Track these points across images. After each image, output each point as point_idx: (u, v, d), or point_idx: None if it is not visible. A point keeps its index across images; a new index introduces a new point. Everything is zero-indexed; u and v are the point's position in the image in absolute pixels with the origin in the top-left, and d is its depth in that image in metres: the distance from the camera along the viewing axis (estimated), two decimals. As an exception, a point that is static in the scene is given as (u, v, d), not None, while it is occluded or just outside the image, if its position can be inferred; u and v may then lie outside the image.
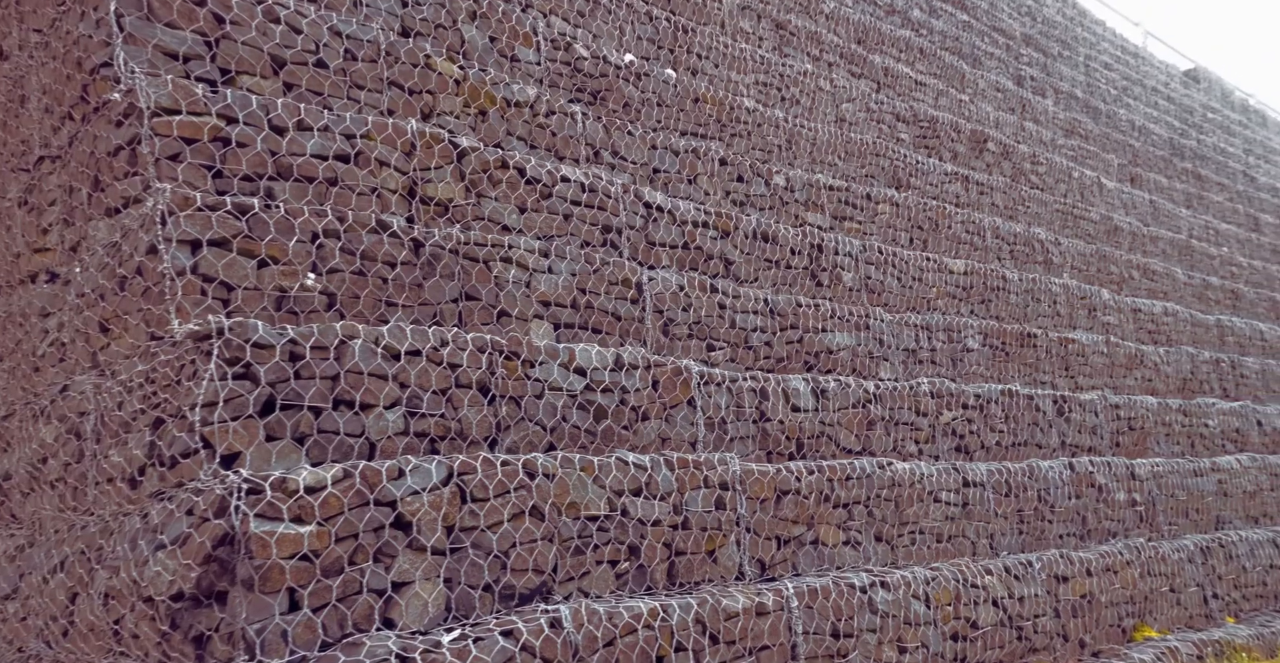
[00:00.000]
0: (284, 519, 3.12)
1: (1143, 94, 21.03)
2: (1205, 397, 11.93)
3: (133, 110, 4.01)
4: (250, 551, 3.02)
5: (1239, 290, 15.66)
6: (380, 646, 3.10)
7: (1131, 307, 12.44)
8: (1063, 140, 15.67)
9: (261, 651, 2.98)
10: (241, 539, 3.03)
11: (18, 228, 5.14)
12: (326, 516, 3.23)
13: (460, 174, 5.04)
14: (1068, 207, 13.60)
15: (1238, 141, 23.64)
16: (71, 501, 4.20)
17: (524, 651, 3.35)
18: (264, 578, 3.03)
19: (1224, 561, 9.06)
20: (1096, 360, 10.95)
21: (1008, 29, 17.46)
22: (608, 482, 4.15)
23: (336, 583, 3.22)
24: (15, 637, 4.65)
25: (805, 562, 5.12)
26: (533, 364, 4.41)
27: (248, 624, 2.97)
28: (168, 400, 3.53)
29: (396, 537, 3.42)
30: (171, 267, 3.64)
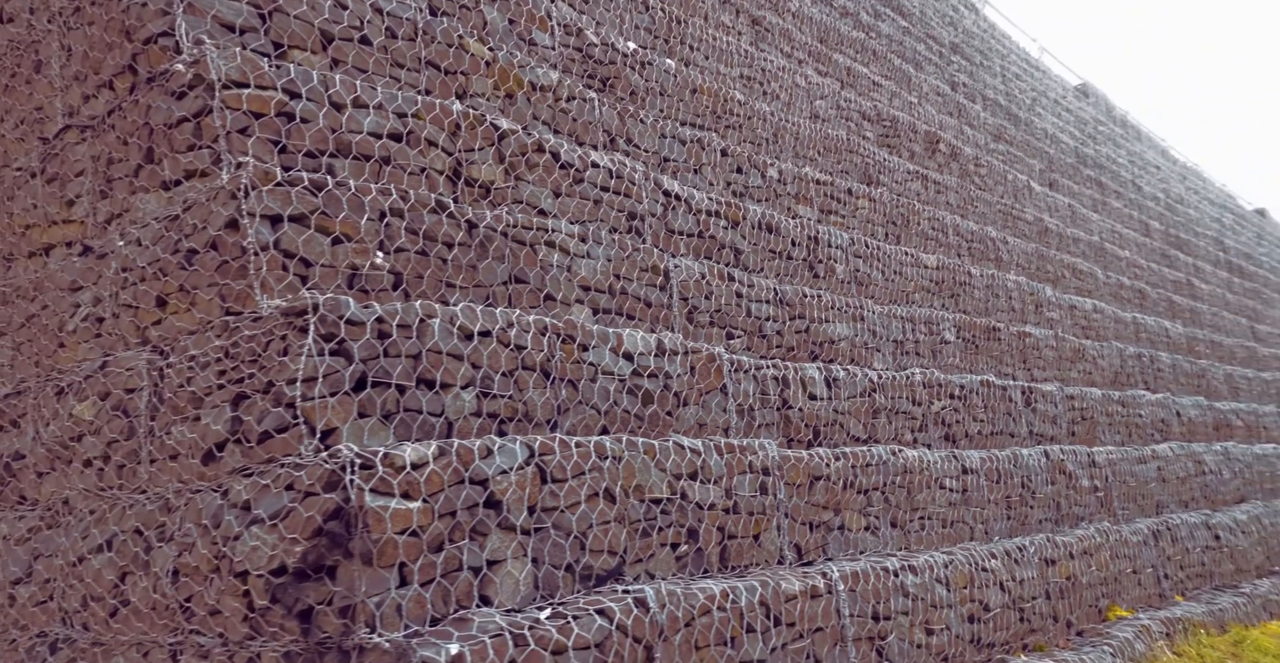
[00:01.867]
0: (395, 495, 3.16)
1: (1048, 105, 22.06)
2: (1134, 389, 12.62)
3: (198, 82, 3.97)
4: (367, 525, 3.06)
5: (1144, 290, 16.59)
6: (489, 621, 3.17)
7: (1069, 303, 13.07)
8: (994, 144, 16.32)
9: (380, 624, 3.03)
10: (356, 514, 3.07)
11: (32, 199, 5.01)
12: (430, 493, 3.28)
13: (500, 156, 5.09)
14: (1006, 207, 14.19)
15: (1123, 153, 25.06)
16: (117, 478, 4.15)
17: (618, 630, 3.45)
18: (380, 553, 3.08)
19: (1170, 543, 9.64)
20: (1048, 354, 11.46)
21: (939, 36, 18.10)
22: (668, 465, 4.26)
23: (440, 559, 3.27)
24: (31, 622, 4.56)
25: (834, 547, 5.31)
26: (586, 348, 4.49)
27: (367, 598, 3.01)
28: (253, 376, 3.53)
29: (489, 516, 3.48)
30: (256, 242, 3.63)
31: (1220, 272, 22.86)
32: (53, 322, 4.72)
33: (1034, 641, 6.54)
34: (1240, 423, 14.48)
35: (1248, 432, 14.72)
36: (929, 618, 5.23)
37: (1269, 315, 23.52)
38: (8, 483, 4.93)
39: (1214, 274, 22.17)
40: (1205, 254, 22.95)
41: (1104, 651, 6.50)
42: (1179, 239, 21.69)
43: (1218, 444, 12.67)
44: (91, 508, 4.29)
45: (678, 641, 3.66)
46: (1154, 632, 7.65)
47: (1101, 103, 27.10)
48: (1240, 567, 11.04)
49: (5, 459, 4.90)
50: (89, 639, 4.12)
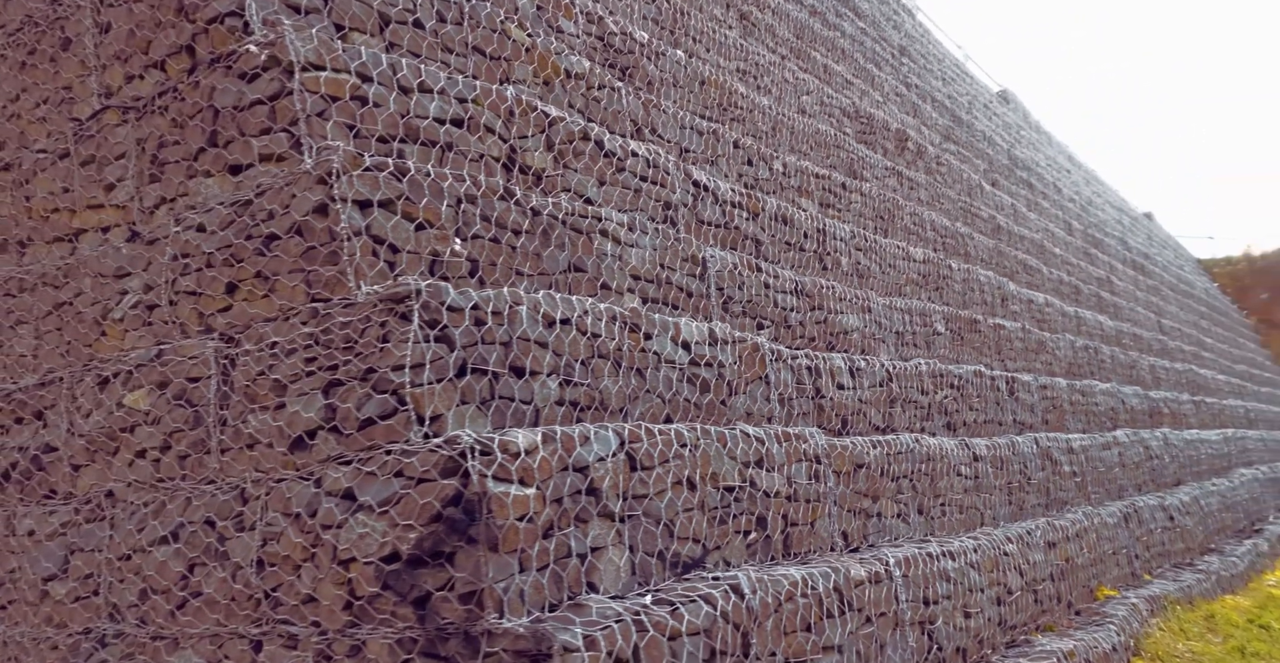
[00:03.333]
0: (513, 481, 3.18)
1: (980, 109, 22.84)
2: (1087, 379, 13.14)
3: (273, 63, 3.92)
4: (491, 511, 3.07)
5: (1078, 286, 17.37)
6: (605, 608, 3.20)
7: (1026, 298, 13.54)
8: (945, 144, 16.78)
9: (508, 609, 3.04)
10: (479, 500, 3.08)
11: (62, 182, 4.89)
12: (541, 479, 3.31)
13: (550, 144, 5.10)
14: (966, 204, 14.63)
15: (1042, 157, 26.24)
16: (179, 469, 4.08)
17: (721, 617, 3.50)
18: (505, 538, 3.09)
19: (1138, 524, 10.13)
20: (1017, 345, 11.83)
21: (889, 38, 18.55)
22: (737, 454, 4.33)
23: (551, 546, 3.29)
24: (70, 619, 4.47)
25: (873, 534, 5.43)
26: (649, 336, 4.53)
27: (494, 583, 3.03)
28: (349, 363, 3.50)
29: (590, 503, 3.51)
30: (349, 227, 3.60)
31: (1128, 270, 23.95)
32: (91, 309, 4.61)
33: (1045, 622, 6.76)
34: (1167, 411, 15.18)
35: (1173, 419, 15.42)
36: (967, 602, 5.39)
37: (1169, 311, 24.74)
38: (33, 477, 4.81)
39: (1124, 272, 23.25)
40: (1116, 253, 24.03)
41: (1110, 630, 6.74)
42: (1095, 239, 22.77)
43: (1157, 431, 13.33)
44: (146, 500, 4.21)
45: (769, 627, 3.73)
46: (1141, 610, 7.98)
47: (1020, 108, 28.24)
48: (1189, 546, 11.71)
49: (33, 452, 4.78)
50: (148, 634, 4.05)
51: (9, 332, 5.11)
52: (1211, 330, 28.43)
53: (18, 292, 5.09)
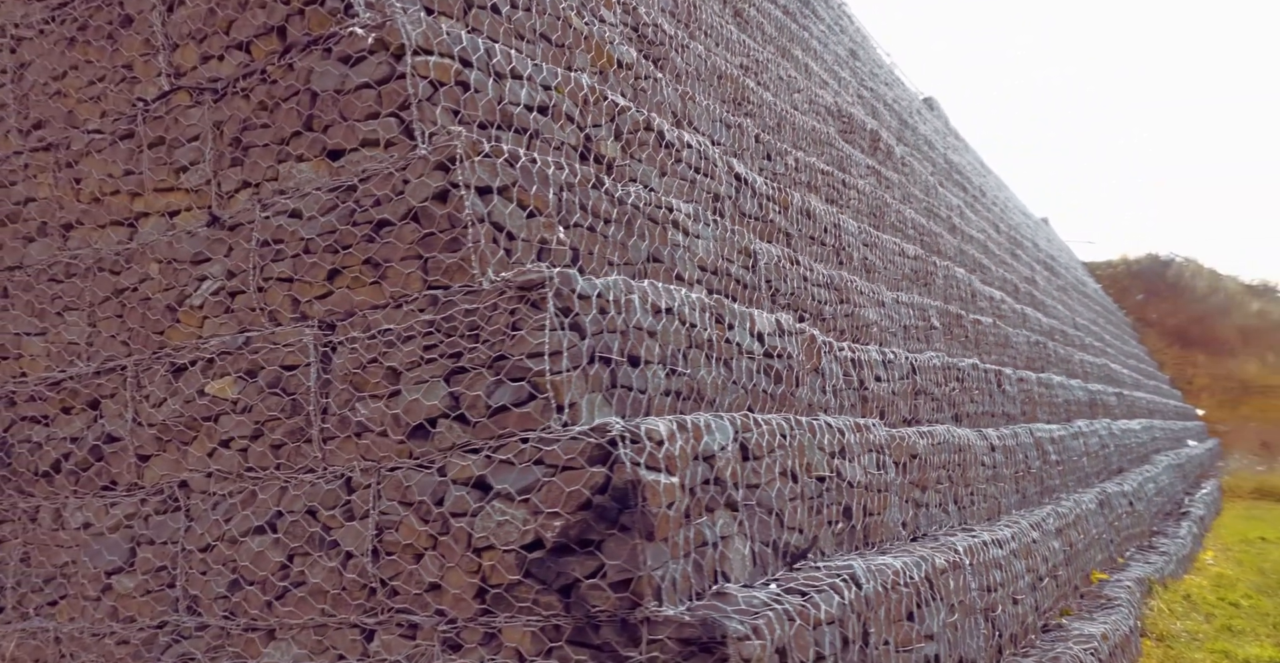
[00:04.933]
0: (660, 470, 3.19)
1: (916, 114, 23.43)
2: (1045, 373, 13.61)
3: (380, 47, 3.86)
4: (645, 498, 3.07)
5: (1016, 284, 18.02)
6: (750, 597, 3.23)
7: (988, 294, 13.93)
8: (901, 146, 17.17)
9: (665, 598, 3.05)
10: (633, 487, 3.08)
11: (123, 164, 4.75)
12: (681, 468, 3.32)
13: (618, 133, 5.09)
14: (930, 204, 15.00)
15: (966, 161, 27.02)
16: (273, 458, 4.00)
17: (848, 606, 3.56)
18: (658, 526, 3.10)
19: (1110, 510, 10.54)
20: (991, 340, 12.16)
21: (842, 40, 18.89)
22: (825, 444, 4.39)
23: (691, 534, 3.31)
24: (137, 612, 4.37)
25: (924, 523, 5.53)
26: (730, 327, 4.57)
27: (651, 571, 3.04)
28: (474, 350, 3.47)
29: (717, 492, 3.53)
30: (473, 214, 3.57)
31: (1043, 271, 24.84)
32: (162, 296, 4.49)
33: (1063, 606, 6.97)
34: (1100, 402, 15.83)
35: (1105, 410, 16.07)
36: (1015, 588, 5.53)
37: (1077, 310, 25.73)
38: (90, 468, 4.67)
39: (1041, 272, 24.12)
40: (1033, 255, 25.00)
41: (1121, 612, 6.97)
42: (1017, 240, 23.69)
43: (1101, 421, 13.89)
44: (230, 490, 4.13)
45: (881, 616, 3.79)
46: (1134, 589, 8.28)
47: (942, 115, 29.04)
48: (1143, 529, 12.28)
49: (91, 442, 4.64)
50: (241, 625, 3.97)
51: (55, 318, 4.94)
52: (1107, 328, 29.62)
53: (64, 277, 4.93)
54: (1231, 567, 13.90)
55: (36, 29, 5.19)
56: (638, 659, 2.95)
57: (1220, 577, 12.68)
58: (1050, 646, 5.34)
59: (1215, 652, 6.89)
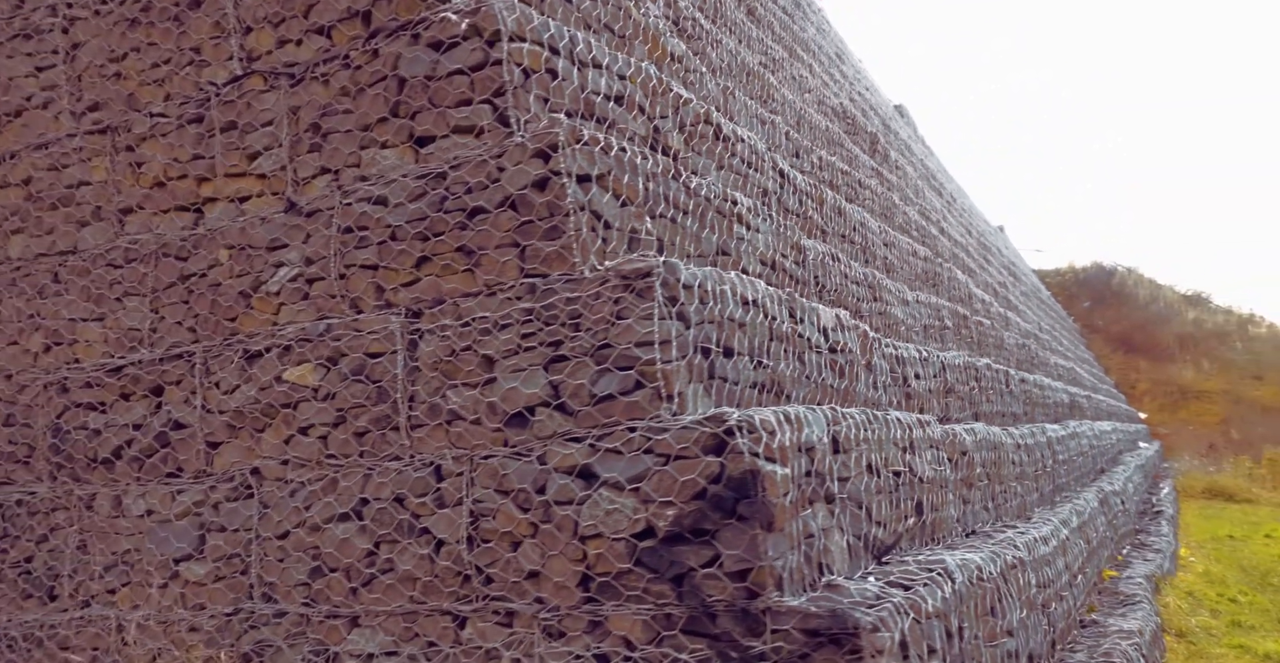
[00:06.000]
0: (775, 460, 3.16)
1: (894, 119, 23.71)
2: (1035, 373, 13.77)
3: (473, 33, 3.81)
4: (765, 488, 3.05)
5: (995, 287, 18.37)
6: (863, 589, 3.21)
7: (979, 296, 14.09)
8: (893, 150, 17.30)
9: (786, 588, 3.03)
10: (752, 477, 3.05)
11: (192, 148, 4.66)
12: (789, 458, 3.30)
13: (681, 125, 5.06)
14: (922, 206, 15.14)
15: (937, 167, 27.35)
16: (357, 445, 3.94)
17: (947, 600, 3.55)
18: (778, 516, 3.08)
19: (1108, 508, 10.67)
20: (991, 339, 12.25)
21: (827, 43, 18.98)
22: (897, 439, 4.38)
23: (800, 526, 3.29)
24: (208, 600, 4.30)
25: (971, 520, 5.55)
26: (800, 321, 4.55)
27: (773, 561, 3.01)
28: (575, 338, 3.43)
29: (817, 484, 3.51)
30: (574, 202, 3.53)
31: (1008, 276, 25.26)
32: (234, 282, 4.41)
33: (1089, 602, 7.02)
34: (1077, 404, 16.10)
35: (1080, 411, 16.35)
36: (1059, 585, 5.55)
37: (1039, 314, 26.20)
38: (154, 455, 4.59)
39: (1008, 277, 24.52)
40: (999, 259, 25.30)
41: (1145, 609, 7.03)
42: (986, 245, 23.94)
43: (1085, 423, 14.11)
44: (308, 477, 4.06)
45: (971, 610, 3.79)
46: (1145, 584, 8.38)
47: (911, 122, 29.35)
48: (1131, 528, 12.48)
49: (157, 429, 4.56)
50: (322, 612, 3.91)
51: (113, 304, 4.85)
52: (1063, 334, 30.10)
53: (123, 262, 4.84)
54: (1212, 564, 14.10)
55: (92, 9, 5.09)
56: (759, 650, 2.93)
57: (1208, 574, 12.86)
58: (1094, 641, 5.38)
59: (1234, 647, 6.98)
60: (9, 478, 5.09)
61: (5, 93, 5.35)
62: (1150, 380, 37.29)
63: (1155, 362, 37.92)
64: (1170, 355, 37.96)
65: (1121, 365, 37.31)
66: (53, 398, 4.94)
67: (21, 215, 5.25)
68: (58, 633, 4.69)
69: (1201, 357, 37.82)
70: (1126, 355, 38.55)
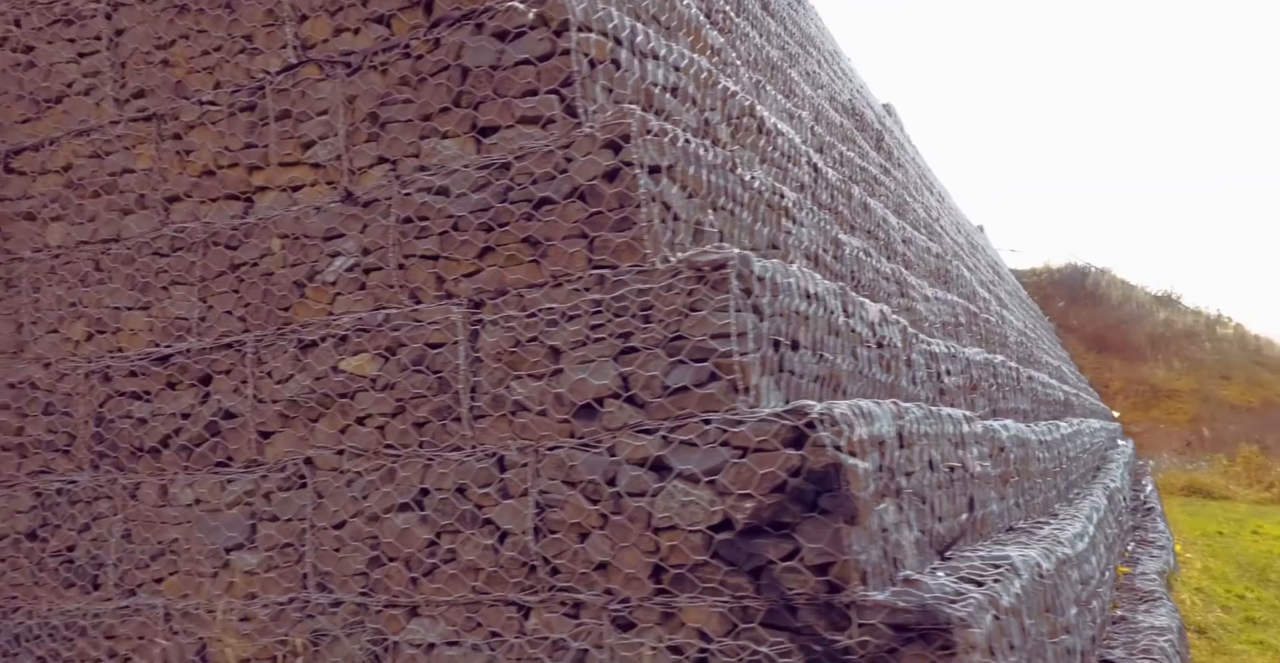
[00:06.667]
0: (856, 454, 3.12)
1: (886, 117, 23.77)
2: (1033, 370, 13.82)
3: (540, 23, 3.74)
4: (848, 481, 3.01)
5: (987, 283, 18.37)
6: (940, 584, 3.17)
7: (981, 295, 14.13)
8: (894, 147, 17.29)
9: (870, 582, 2.99)
10: (834, 471, 3.01)
11: (238, 135, 4.58)
12: (863, 451, 3.26)
13: (728, 118, 5.01)
14: (924, 203, 15.17)
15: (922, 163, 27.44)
16: (417, 435, 3.88)
17: (1019, 596, 3.51)
18: (860, 511, 3.03)
19: (1114, 505, 10.70)
20: (996, 336, 12.27)
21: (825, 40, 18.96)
22: (949, 434, 4.35)
23: (876, 521, 3.25)
24: (260, 589, 4.24)
25: (1009, 517, 5.52)
26: (850, 314, 4.51)
27: (856, 556, 2.97)
28: (646, 330, 3.38)
29: (887, 478, 3.47)
30: (646, 193, 3.47)
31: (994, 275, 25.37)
32: (288, 271, 4.34)
33: (1112, 599, 7.02)
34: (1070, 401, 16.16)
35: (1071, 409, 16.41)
36: (1095, 582, 5.54)
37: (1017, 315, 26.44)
38: (202, 444, 4.52)
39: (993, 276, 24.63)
40: (985, 259, 25.40)
41: (1167, 605, 7.04)
42: (974, 243, 24.06)
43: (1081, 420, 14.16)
44: (365, 467, 4.00)
45: (1037, 607, 3.76)
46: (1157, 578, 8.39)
47: (899, 120, 29.33)
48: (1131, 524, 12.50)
49: (208, 418, 4.49)
50: (380, 602, 3.85)
51: (159, 293, 4.77)
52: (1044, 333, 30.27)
53: (170, 251, 4.76)
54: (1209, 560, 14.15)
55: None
56: (843, 644, 2.89)
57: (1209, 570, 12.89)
58: (1128, 637, 5.37)
59: (1253, 643, 6.99)
60: (48, 467, 5.02)
61: (45, 78, 5.26)
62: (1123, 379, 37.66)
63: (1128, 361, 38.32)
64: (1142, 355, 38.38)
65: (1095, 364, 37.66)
66: (95, 386, 4.87)
67: (61, 202, 5.16)
68: (102, 622, 4.62)
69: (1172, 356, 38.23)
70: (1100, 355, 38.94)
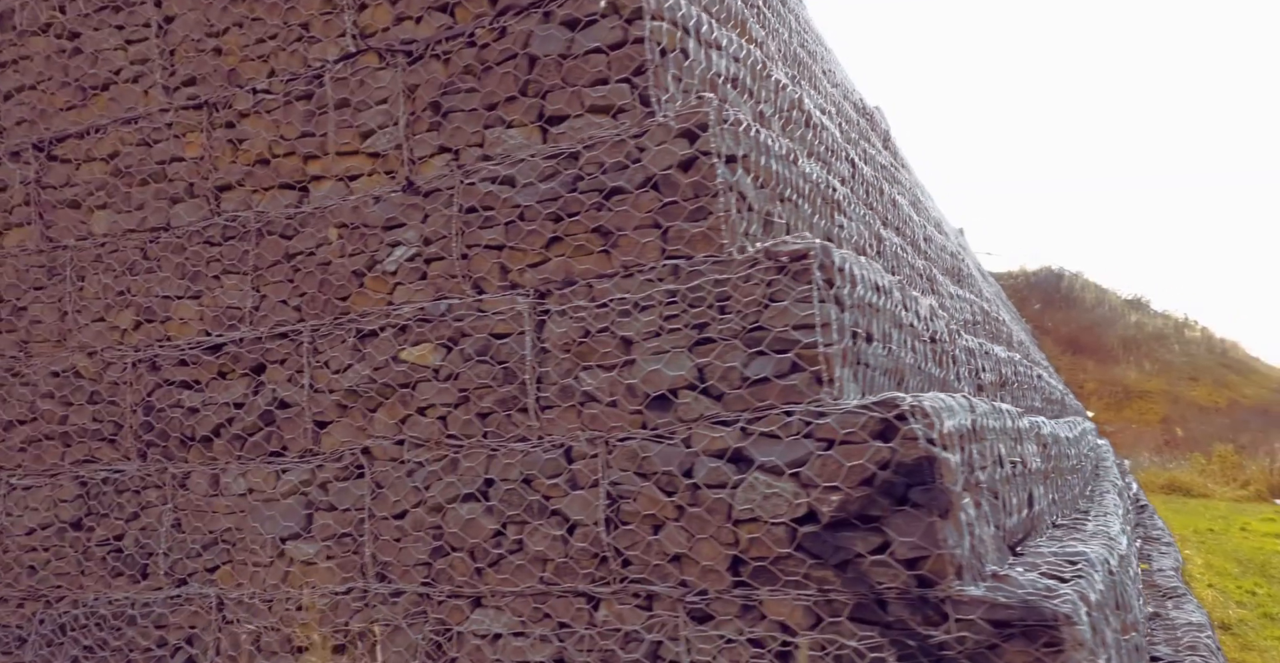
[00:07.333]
0: (946, 447, 3.01)
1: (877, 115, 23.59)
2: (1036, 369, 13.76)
3: (611, 11, 3.62)
4: (941, 475, 2.90)
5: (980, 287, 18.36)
6: (1030, 579, 3.06)
7: (982, 290, 14.03)
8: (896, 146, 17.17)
9: (966, 577, 2.88)
10: (928, 464, 2.90)
11: (295, 124, 4.45)
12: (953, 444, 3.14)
13: (779, 110, 4.90)
14: (927, 202, 15.10)
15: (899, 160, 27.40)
16: (481, 426, 3.76)
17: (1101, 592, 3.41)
18: (955, 504, 2.92)
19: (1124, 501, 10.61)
20: (1004, 336, 12.17)
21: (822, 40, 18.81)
22: (1008, 429, 4.24)
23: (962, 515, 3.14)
24: (318, 579, 4.11)
25: (1047, 512, 5.42)
26: (906, 308, 4.40)
27: (951, 550, 2.86)
28: (722, 320, 3.26)
29: (966, 472, 3.36)
30: (723, 183, 3.35)
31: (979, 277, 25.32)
32: (344, 262, 4.21)
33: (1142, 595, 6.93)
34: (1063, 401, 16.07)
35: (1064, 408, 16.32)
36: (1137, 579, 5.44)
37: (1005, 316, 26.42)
38: (255, 433, 4.39)
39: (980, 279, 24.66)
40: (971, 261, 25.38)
41: (1194, 601, 6.95)
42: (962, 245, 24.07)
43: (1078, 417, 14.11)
44: (426, 458, 3.88)
45: (1111, 602, 3.65)
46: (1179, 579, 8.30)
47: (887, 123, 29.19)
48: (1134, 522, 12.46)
49: (263, 408, 4.36)
50: (443, 592, 3.73)
51: (210, 282, 4.64)
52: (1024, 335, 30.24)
53: (221, 239, 4.63)
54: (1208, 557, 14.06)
55: (186, -15, 4.86)
56: (939, 639, 2.78)
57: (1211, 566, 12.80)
58: (1167, 634, 5.28)
59: (1276, 639, 6.90)
60: (93, 456, 4.88)
61: (92, 66, 5.12)
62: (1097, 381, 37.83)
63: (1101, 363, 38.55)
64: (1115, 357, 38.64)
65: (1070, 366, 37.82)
66: (142, 375, 4.73)
67: (108, 190, 5.03)
68: (152, 611, 4.49)
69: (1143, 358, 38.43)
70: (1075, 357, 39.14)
